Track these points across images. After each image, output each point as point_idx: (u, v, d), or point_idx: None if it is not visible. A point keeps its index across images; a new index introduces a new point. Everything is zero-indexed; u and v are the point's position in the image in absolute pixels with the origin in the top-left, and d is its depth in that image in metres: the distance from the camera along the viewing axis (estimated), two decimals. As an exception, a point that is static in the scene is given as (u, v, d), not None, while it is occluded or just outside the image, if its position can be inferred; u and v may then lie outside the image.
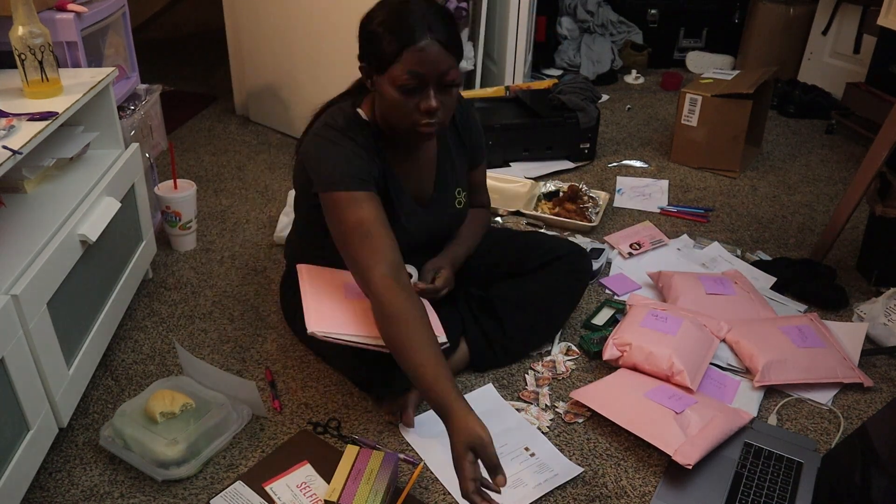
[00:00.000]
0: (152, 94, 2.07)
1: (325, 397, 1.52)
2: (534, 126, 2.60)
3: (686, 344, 1.56)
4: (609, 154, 2.76)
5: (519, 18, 3.01)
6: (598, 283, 1.93)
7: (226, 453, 1.38)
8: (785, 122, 3.12)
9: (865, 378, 1.58)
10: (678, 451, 1.31)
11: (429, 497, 1.30)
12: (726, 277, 1.86)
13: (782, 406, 1.53)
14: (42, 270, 1.26)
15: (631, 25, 3.75)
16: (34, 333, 1.22)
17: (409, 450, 1.40)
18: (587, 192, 2.28)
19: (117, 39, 1.99)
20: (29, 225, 1.38)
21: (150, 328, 1.74)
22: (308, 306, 1.37)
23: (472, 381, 1.58)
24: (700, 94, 2.53)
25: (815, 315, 1.76)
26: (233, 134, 2.91)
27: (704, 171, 2.63)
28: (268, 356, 1.65)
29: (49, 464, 1.35)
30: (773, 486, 1.29)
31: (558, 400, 1.53)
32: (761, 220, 2.30)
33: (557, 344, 1.69)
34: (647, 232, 2.15)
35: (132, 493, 1.30)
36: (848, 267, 2.05)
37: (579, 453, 1.40)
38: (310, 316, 1.34)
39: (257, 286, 1.91)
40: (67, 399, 1.35)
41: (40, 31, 1.44)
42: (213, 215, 2.27)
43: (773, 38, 3.47)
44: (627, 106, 3.28)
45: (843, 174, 2.64)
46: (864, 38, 3.11)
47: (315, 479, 1.31)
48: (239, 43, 2.91)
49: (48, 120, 1.37)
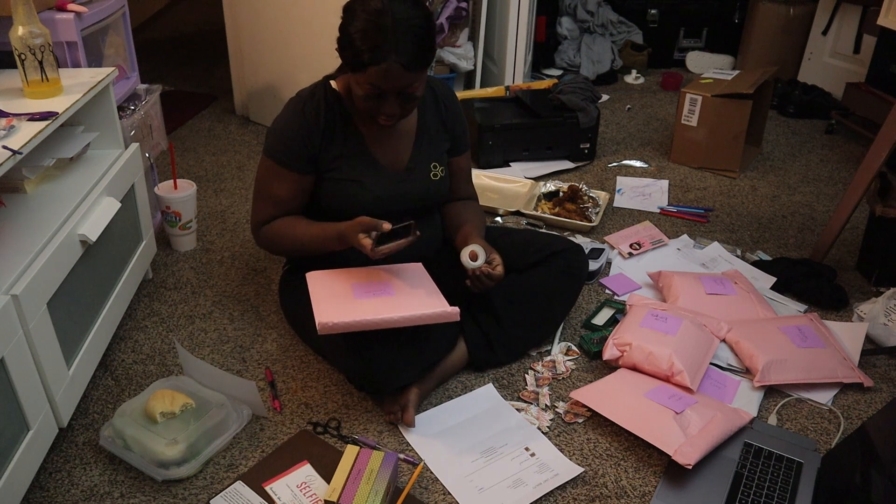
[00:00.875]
0: (152, 94, 2.07)
1: (325, 397, 1.52)
2: (534, 126, 2.60)
3: (686, 344, 1.56)
4: (609, 154, 2.76)
5: (519, 18, 3.01)
6: (598, 283, 1.93)
7: (226, 453, 1.38)
8: (785, 122, 3.12)
9: (865, 378, 1.58)
10: (678, 451, 1.31)
11: (429, 497, 1.30)
12: (726, 277, 1.86)
13: (782, 406, 1.53)
14: (42, 270, 1.26)
15: (631, 25, 3.75)
16: (34, 333, 1.22)
17: (409, 450, 1.40)
18: (587, 192, 2.28)
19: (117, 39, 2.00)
20: (29, 225, 1.38)
21: (150, 328, 1.74)
22: (317, 306, 1.38)
23: (472, 381, 1.58)
24: (700, 94, 2.53)
25: (815, 315, 1.76)
26: (233, 134, 2.91)
27: (704, 171, 2.63)
28: (268, 356, 1.65)
29: (49, 464, 1.35)
30: (773, 486, 1.29)
31: (558, 400, 1.53)
32: (761, 220, 2.30)
33: (557, 344, 1.69)
34: (647, 232, 2.15)
35: (132, 493, 1.30)
36: (848, 267, 2.05)
37: (579, 453, 1.40)
38: (319, 313, 1.34)
39: (257, 286, 1.91)
40: (67, 399, 1.35)
41: (40, 31, 1.44)
42: (213, 215, 2.27)
43: (773, 38, 3.47)
44: (627, 106, 3.28)
45: (843, 174, 2.64)
46: (864, 38, 3.11)
47: (315, 479, 1.31)
48: (239, 43, 2.91)
49: (48, 120, 1.37)
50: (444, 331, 1.52)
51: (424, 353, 1.46)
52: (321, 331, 1.31)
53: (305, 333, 1.63)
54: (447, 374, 1.55)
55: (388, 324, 1.34)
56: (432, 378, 1.51)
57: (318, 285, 1.45)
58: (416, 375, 1.45)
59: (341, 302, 1.39)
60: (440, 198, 1.65)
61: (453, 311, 1.37)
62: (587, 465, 1.37)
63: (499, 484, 1.31)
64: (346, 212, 1.50)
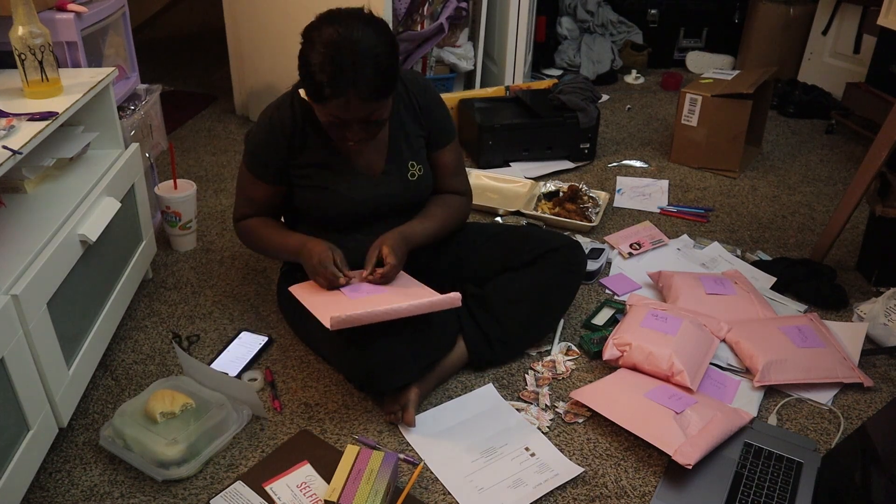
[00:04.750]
0: (152, 94, 2.07)
1: (325, 397, 1.52)
2: (534, 126, 2.60)
3: (686, 344, 1.56)
4: (609, 154, 2.76)
5: (519, 18, 3.01)
6: (598, 283, 1.93)
7: (226, 453, 1.38)
8: (785, 122, 3.12)
9: (865, 378, 1.58)
10: (678, 451, 1.31)
11: (429, 497, 1.30)
12: (726, 277, 1.86)
13: (782, 406, 1.53)
14: (42, 270, 1.26)
15: (631, 25, 3.75)
16: (34, 333, 1.22)
17: (409, 450, 1.40)
18: (587, 192, 2.28)
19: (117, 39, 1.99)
20: (29, 225, 1.38)
21: (150, 328, 1.74)
22: (317, 310, 1.38)
23: (472, 381, 1.58)
24: (700, 94, 2.53)
25: (815, 315, 1.76)
26: (233, 134, 2.91)
27: (704, 171, 2.63)
28: (268, 356, 1.65)
29: (49, 464, 1.35)
30: (773, 486, 1.29)
31: (558, 400, 1.53)
32: (761, 220, 2.30)
33: (557, 344, 1.69)
34: (647, 232, 2.15)
35: (132, 493, 1.30)
36: (848, 267, 2.05)
37: (579, 453, 1.40)
38: (324, 315, 1.34)
39: (257, 286, 1.91)
40: (67, 399, 1.35)
41: (40, 31, 1.44)
42: (213, 215, 2.27)
43: (773, 38, 3.47)
44: (627, 106, 3.28)
45: (843, 174, 2.64)
46: (864, 38, 3.11)
47: (315, 479, 1.31)
48: (239, 43, 2.91)
49: (48, 120, 1.37)
50: (444, 329, 1.52)
51: (424, 351, 1.46)
52: (334, 327, 1.30)
53: (305, 334, 1.63)
54: (447, 374, 1.55)
55: (397, 314, 1.34)
56: (432, 378, 1.51)
57: (307, 294, 1.46)
58: (416, 374, 1.45)
59: (340, 301, 1.40)
60: (421, 197, 1.62)
61: (455, 297, 1.39)
62: (587, 465, 1.37)
63: (499, 484, 1.31)
64: (323, 217, 1.54)
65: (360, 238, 1.54)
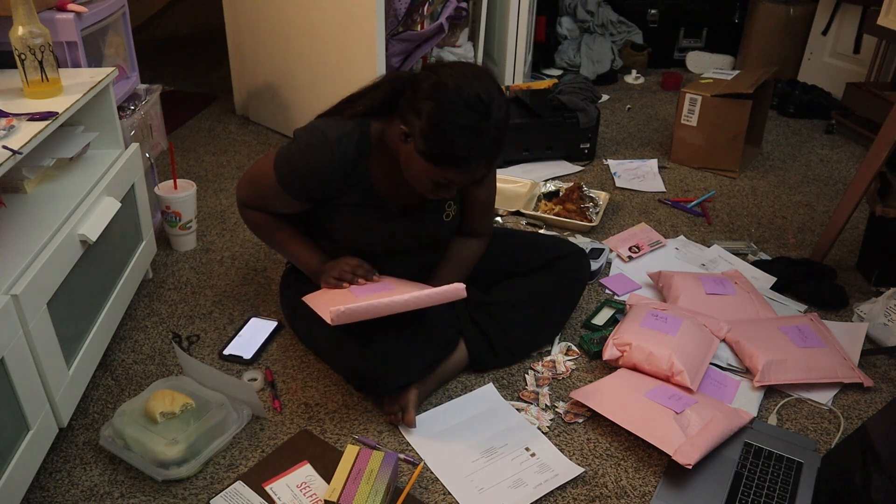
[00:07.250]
0: (152, 94, 2.07)
1: (325, 397, 1.52)
2: (534, 126, 2.60)
3: (686, 344, 1.56)
4: (609, 154, 2.76)
5: (519, 18, 3.01)
6: (598, 283, 1.93)
7: (226, 453, 1.38)
8: (785, 122, 3.12)
9: (865, 378, 1.58)
10: (678, 451, 1.31)
11: (429, 497, 1.30)
12: (726, 277, 1.86)
13: (782, 406, 1.53)
14: (42, 270, 1.25)
15: (631, 25, 3.75)
16: (34, 333, 1.22)
17: (409, 450, 1.40)
18: (587, 192, 2.28)
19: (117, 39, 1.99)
20: (29, 225, 1.38)
21: (150, 328, 1.74)
22: (323, 310, 1.36)
23: (472, 381, 1.58)
24: (700, 94, 2.53)
25: (815, 315, 1.76)
26: (233, 134, 2.91)
27: (704, 171, 2.63)
28: (268, 356, 1.65)
29: (49, 464, 1.35)
30: (773, 486, 1.29)
31: (558, 400, 1.53)
32: (761, 220, 2.30)
33: (557, 344, 1.69)
34: (645, 234, 2.15)
35: (132, 493, 1.30)
36: (848, 267, 2.05)
37: (579, 453, 1.40)
38: (325, 313, 1.33)
39: (257, 286, 1.91)
40: (67, 399, 1.35)
41: (40, 31, 1.44)
42: (213, 215, 2.27)
43: (773, 38, 3.47)
44: (627, 106, 3.28)
45: (843, 174, 2.64)
46: (864, 38, 3.11)
47: (315, 479, 1.31)
48: (239, 43, 2.91)
49: (48, 120, 1.37)
50: (446, 330, 1.52)
51: (426, 351, 1.46)
52: (334, 321, 1.29)
53: (305, 334, 1.63)
54: (447, 376, 1.55)
55: (399, 306, 1.33)
56: (432, 379, 1.51)
57: (316, 299, 1.45)
58: (416, 375, 1.45)
59: (345, 298, 1.39)
60: (450, 234, 1.57)
61: (459, 287, 1.35)
62: (587, 465, 1.37)
63: (499, 484, 1.32)
64: (349, 245, 1.50)
65: (381, 262, 1.51)
